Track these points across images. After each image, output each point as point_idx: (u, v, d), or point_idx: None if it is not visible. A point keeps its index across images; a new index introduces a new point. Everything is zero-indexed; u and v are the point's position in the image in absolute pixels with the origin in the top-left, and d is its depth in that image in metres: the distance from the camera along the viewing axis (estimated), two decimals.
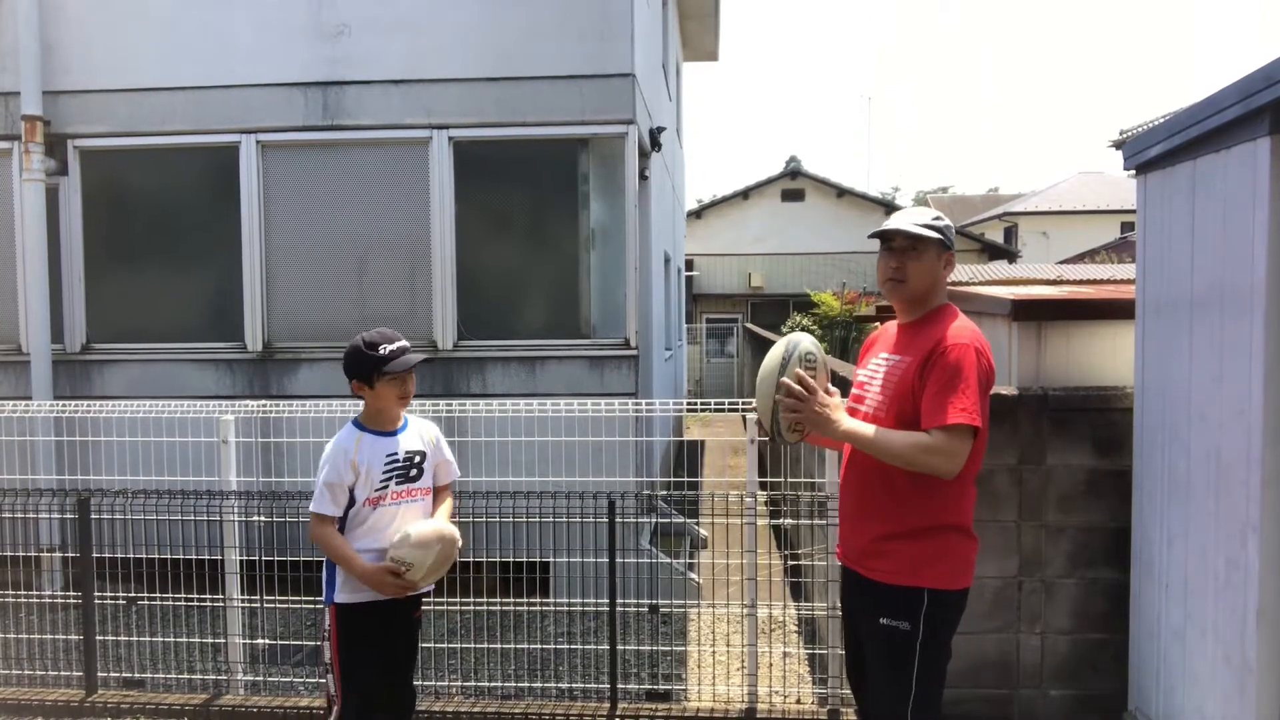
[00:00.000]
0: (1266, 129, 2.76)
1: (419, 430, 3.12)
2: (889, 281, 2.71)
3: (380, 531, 2.96)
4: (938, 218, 2.70)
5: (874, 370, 2.74)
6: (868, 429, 2.56)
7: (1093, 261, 18.57)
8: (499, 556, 4.62)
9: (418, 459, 3.06)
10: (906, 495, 2.58)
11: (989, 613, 3.90)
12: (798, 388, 2.58)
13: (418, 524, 2.97)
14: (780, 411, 2.64)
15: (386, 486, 2.97)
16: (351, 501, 2.94)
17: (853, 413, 2.71)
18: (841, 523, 2.82)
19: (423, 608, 3.34)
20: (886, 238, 2.70)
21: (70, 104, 6.51)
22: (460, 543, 3.03)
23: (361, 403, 3.04)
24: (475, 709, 4.22)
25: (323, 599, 3.02)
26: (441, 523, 3.03)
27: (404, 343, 3.02)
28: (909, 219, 2.68)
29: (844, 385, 3.06)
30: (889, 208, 24.36)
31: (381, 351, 2.94)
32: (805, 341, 2.69)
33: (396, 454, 3.00)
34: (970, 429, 2.45)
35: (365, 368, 2.94)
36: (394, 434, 3.04)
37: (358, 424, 3.03)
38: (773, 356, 2.71)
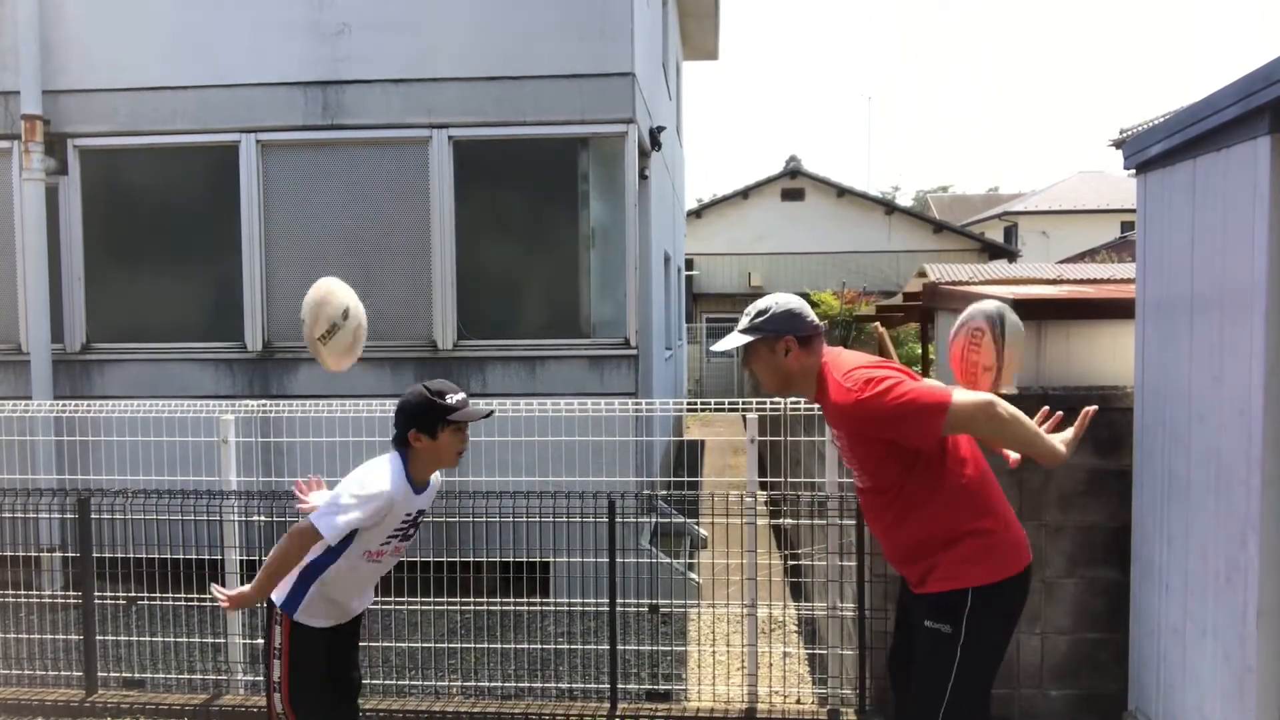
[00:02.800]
0: (1266, 128, 2.76)
1: (433, 486, 2.97)
2: (756, 384, 2.88)
3: (360, 585, 2.89)
4: (759, 313, 2.72)
5: (837, 447, 2.85)
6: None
7: (1093, 261, 18.55)
8: (499, 556, 4.62)
9: (419, 518, 2.93)
10: (912, 530, 2.64)
11: None
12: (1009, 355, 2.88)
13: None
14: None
15: (388, 544, 2.84)
16: (347, 541, 2.77)
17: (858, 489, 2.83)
18: (895, 568, 2.89)
19: (421, 608, 3.30)
20: (728, 355, 2.83)
21: (70, 103, 6.51)
22: (344, 303, 3.08)
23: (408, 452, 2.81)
24: (475, 709, 4.22)
25: (277, 601, 2.85)
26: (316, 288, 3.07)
27: (464, 394, 2.82)
28: (737, 327, 2.76)
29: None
30: (889, 207, 24.35)
31: (449, 400, 2.74)
32: (1011, 316, 2.94)
33: (412, 514, 2.85)
34: (942, 405, 2.47)
35: (432, 418, 2.72)
36: (423, 490, 2.86)
37: (408, 475, 2.79)
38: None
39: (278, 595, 2.85)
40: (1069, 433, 2.67)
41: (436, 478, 2.98)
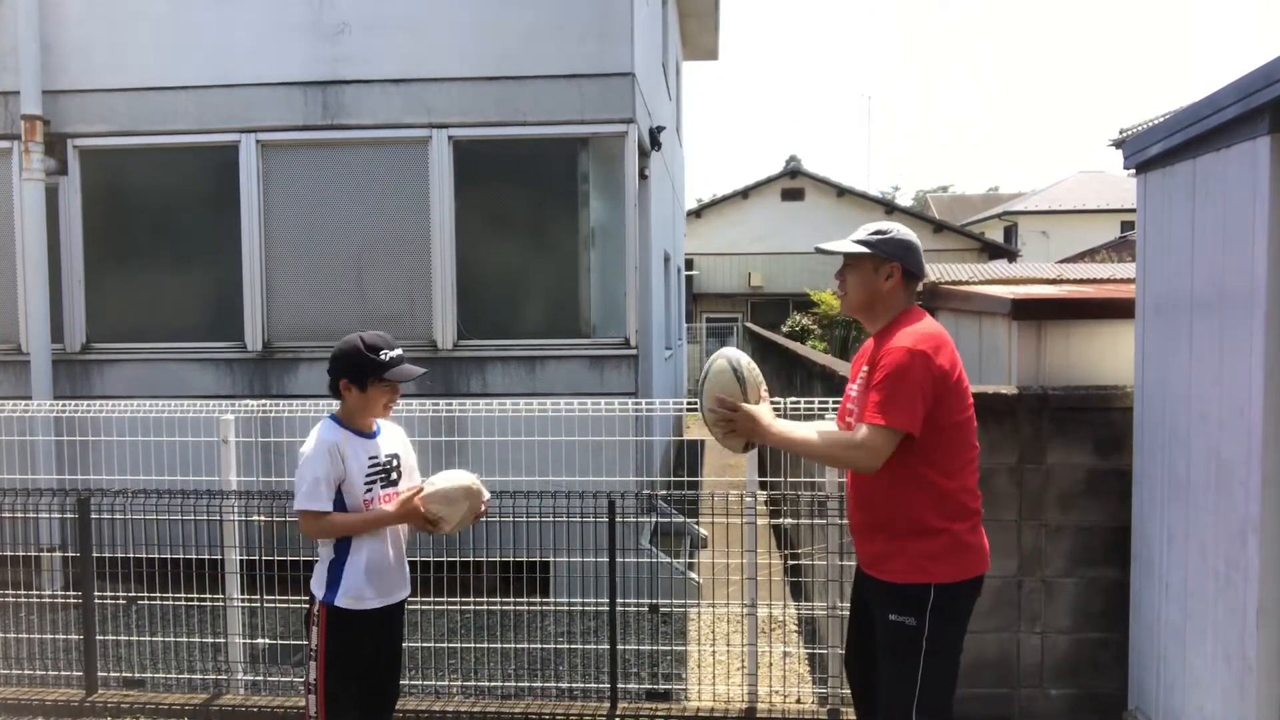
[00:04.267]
0: (1266, 128, 2.76)
1: (391, 432, 3.03)
2: (840, 295, 2.87)
3: (375, 539, 2.90)
4: (878, 231, 2.75)
5: (856, 385, 2.82)
6: (795, 432, 2.72)
7: (1093, 261, 18.56)
8: (499, 556, 4.62)
9: (395, 462, 2.98)
10: (893, 504, 2.64)
11: (989, 612, 3.90)
12: (720, 410, 2.73)
13: (442, 478, 2.92)
14: (720, 431, 2.80)
15: (371, 491, 2.88)
16: (340, 505, 2.84)
17: (841, 409, 2.86)
18: (852, 534, 2.89)
19: (421, 608, 3.31)
20: (831, 254, 2.82)
21: (70, 103, 6.51)
22: (486, 494, 2.99)
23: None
24: (475, 709, 4.22)
25: (318, 597, 2.88)
26: (463, 477, 2.94)
27: (401, 350, 2.91)
28: (850, 236, 2.79)
29: (844, 385, 3.07)
30: (889, 207, 24.37)
31: (383, 356, 2.83)
32: (718, 361, 2.83)
33: (377, 456, 2.92)
34: (884, 430, 2.51)
35: (362, 370, 2.83)
36: (372, 436, 2.94)
37: (338, 420, 2.90)
38: (701, 381, 2.86)
39: (319, 590, 2.89)
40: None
41: (395, 430, 3.04)
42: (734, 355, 2.84)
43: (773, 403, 4.40)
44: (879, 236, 2.73)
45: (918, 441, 2.56)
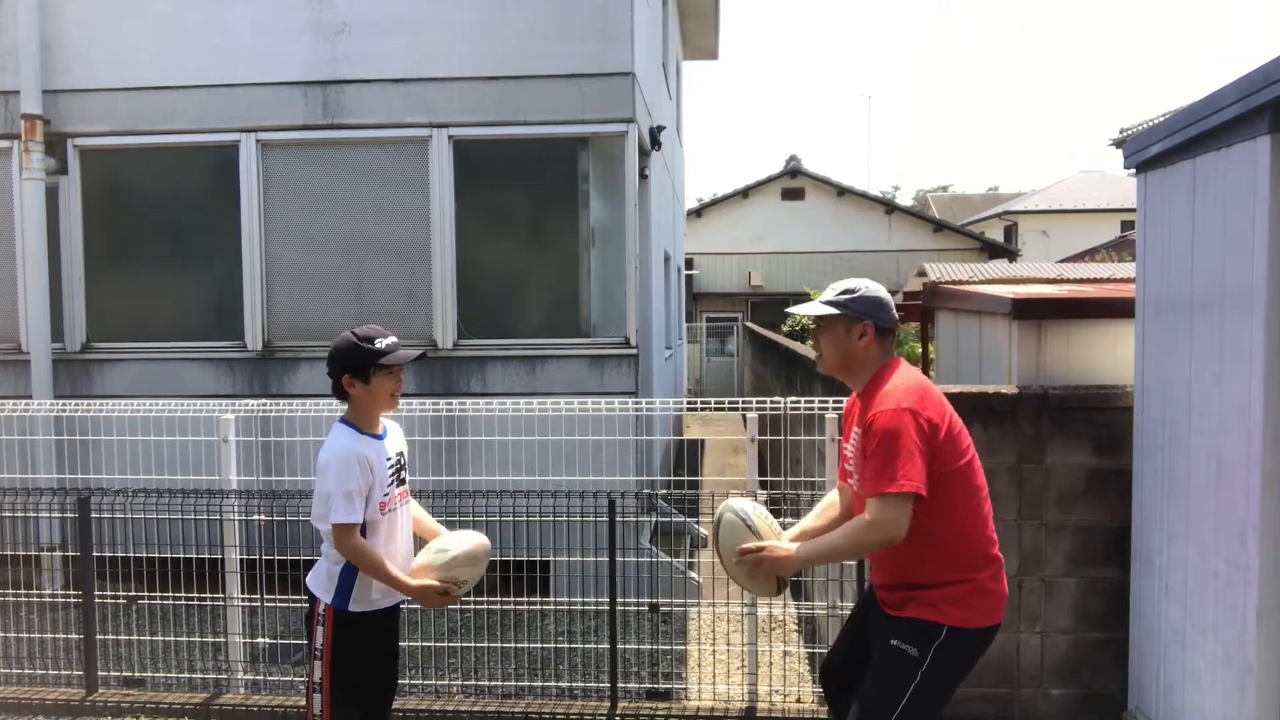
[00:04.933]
0: (1266, 128, 2.76)
1: (394, 431, 3.03)
2: (816, 356, 2.87)
3: (392, 540, 2.90)
4: (846, 291, 2.73)
5: (851, 446, 2.80)
6: (819, 548, 2.66)
7: (1093, 260, 18.54)
8: (499, 556, 4.61)
9: (402, 460, 3.00)
10: (905, 562, 2.61)
11: None
12: (745, 561, 2.68)
13: (458, 540, 2.93)
14: (752, 580, 2.76)
15: (389, 492, 2.88)
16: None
17: (844, 482, 2.85)
18: (870, 560, 2.87)
19: (421, 608, 3.32)
20: (801, 315, 2.85)
21: (70, 103, 6.51)
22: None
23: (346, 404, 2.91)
24: (475, 708, 4.22)
25: (324, 600, 2.88)
26: (477, 536, 2.99)
27: (395, 337, 2.91)
28: (820, 298, 2.77)
29: (844, 385, 3.06)
30: (889, 206, 24.34)
31: (378, 345, 2.83)
32: (726, 516, 2.81)
33: (390, 458, 2.92)
34: (894, 497, 2.46)
35: (361, 361, 2.81)
36: (382, 438, 2.92)
37: (351, 426, 2.87)
38: (715, 539, 2.85)
39: (324, 594, 2.87)
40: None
41: (394, 427, 3.04)
42: (739, 506, 2.82)
43: (772, 403, 4.42)
44: (848, 296, 2.71)
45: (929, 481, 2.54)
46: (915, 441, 2.48)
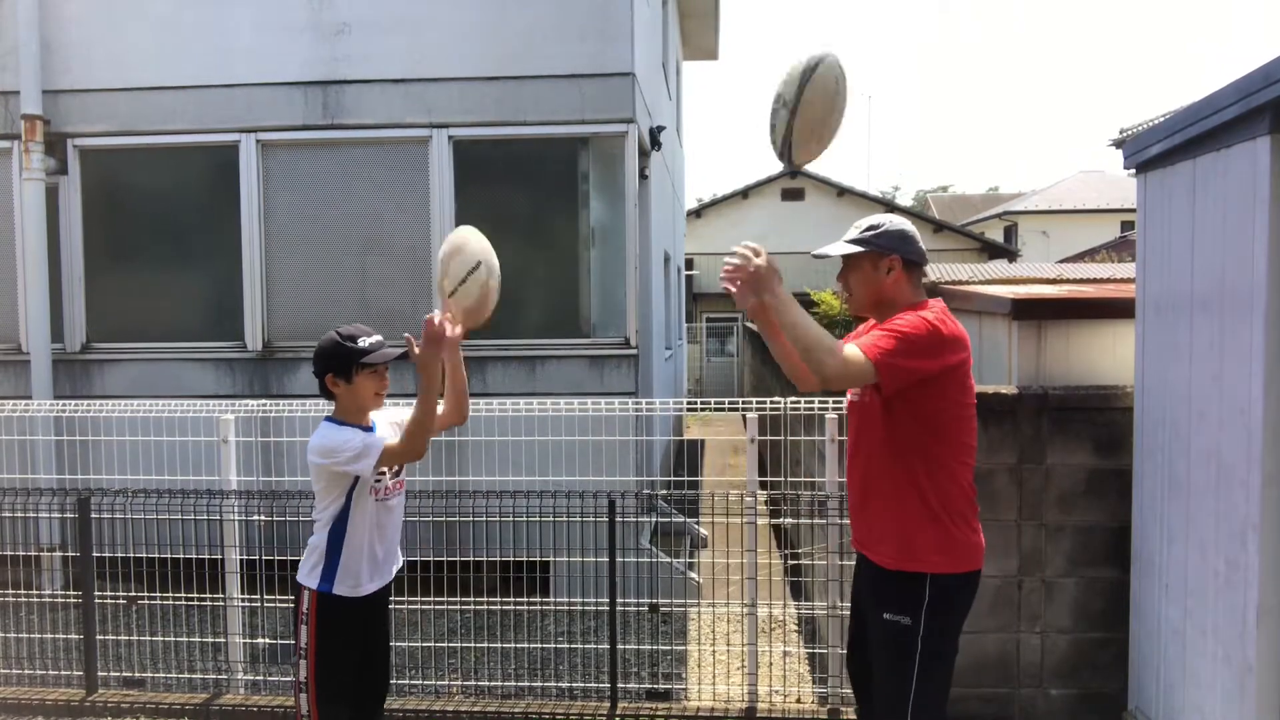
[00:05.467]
0: (1266, 128, 2.76)
1: (385, 419, 2.99)
2: (845, 297, 2.82)
3: (382, 530, 2.90)
4: (871, 226, 2.72)
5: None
6: (793, 304, 2.53)
7: (1093, 260, 18.55)
8: (499, 556, 4.63)
9: None
10: (902, 482, 2.62)
11: (989, 612, 3.90)
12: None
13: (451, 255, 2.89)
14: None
15: (381, 480, 2.86)
16: (348, 503, 2.82)
17: (850, 403, 2.82)
18: (850, 512, 2.87)
19: (421, 608, 3.30)
20: (829, 259, 2.78)
21: (70, 103, 6.51)
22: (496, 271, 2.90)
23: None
24: (475, 708, 4.22)
25: (310, 586, 2.83)
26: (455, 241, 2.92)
27: (380, 336, 2.88)
28: (844, 237, 2.75)
29: None
30: (889, 206, 24.37)
31: (360, 344, 2.81)
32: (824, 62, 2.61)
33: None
34: (862, 361, 2.46)
35: (343, 360, 2.79)
36: (370, 430, 2.89)
37: (336, 421, 2.84)
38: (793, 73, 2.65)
39: (310, 579, 2.84)
40: None
41: (386, 416, 3.00)
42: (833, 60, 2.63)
43: (772, 403, 4.42)
44: (873, 232, 2.70)
45: (924, 413, 2.55)
46: (920, 346, 2.50)
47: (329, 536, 2.86)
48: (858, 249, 2.69)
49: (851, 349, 2.49)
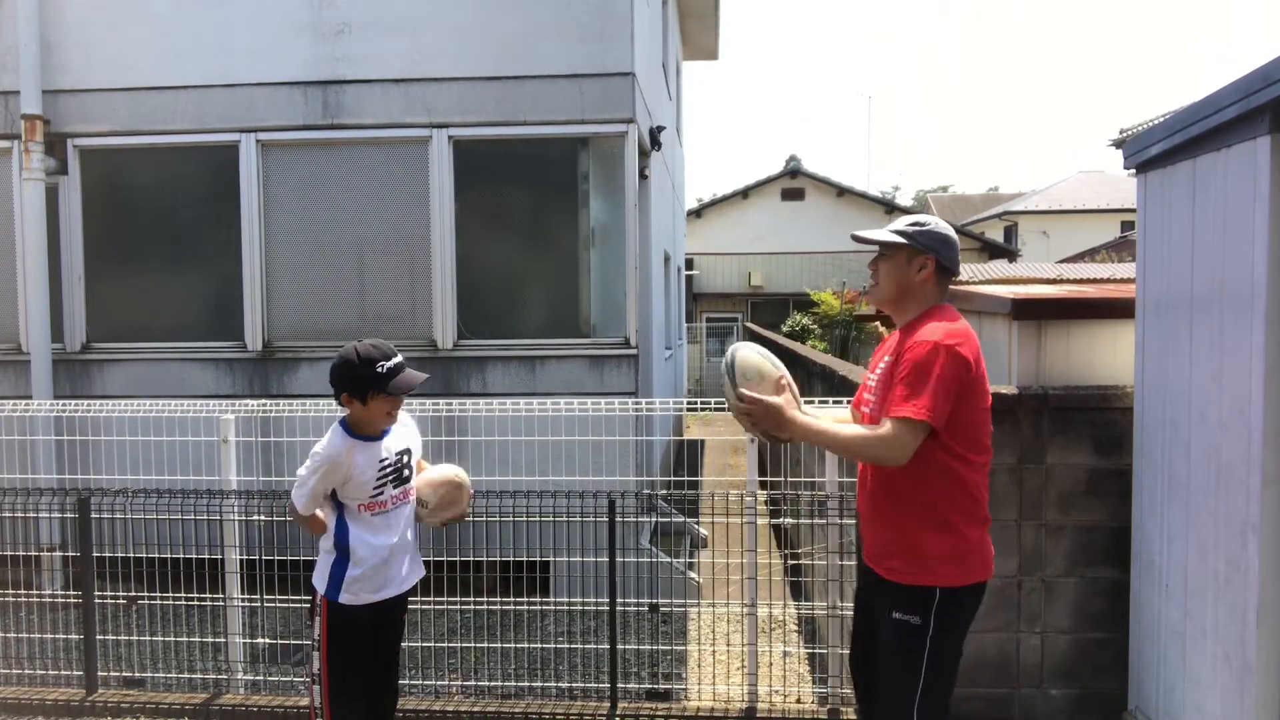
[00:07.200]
0: (1266, 128, 2.76)
1: (400, 428, 3.03)
2: (870, 285, 2.85)
3: (388, 539, 2.94)
4: (916, 223, 2.74)
5: (875, 375, 2.81)
6: (821, 425, 2.63)
7: (1093, 260, 18.56)
8: (499, 556, 4.62)
9: (406, 459, 3.00)
10: (916, 493, 2.62)
11: (989, 612, 3.90)
12: (743, 405, 2.65)
13: (433, 469, 3.11)
14: (744, 419, 2.73)
15: (382, 492, 2.90)
16: (338, 505, 2.92)
17: (863, 414, 2.81)
18: (860, 525, 2.88)
19: (421, 608, 3.33)
20: (867, 242, 2.80)
21: (70, 103, 6.51)
22: (470, 493, 3.15)
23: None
24: (475, 708, 4.22)
25: (320, 591, 2.92)
26: (452, 469, 3.13)
27: (400, 358, 2.87)
28: (889, 227, 2.77)
29: (844, 384, 3.07)
30: (889, 207, 24.36)
31: (380, 369, 2.80)
32: (738, 354, 2.74)
33: (387, 458, 2.92)
34: (913, 423, 2.49)
35: (360, 385, 2.82)
36: (380, 439, 2.93)
37: (348, 430, 2.91)
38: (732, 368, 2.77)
39: (319, 583, 2.93)
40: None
41: (403, 424, 3.06)
42: (746, 350, 2.75)
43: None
44: (916, 229, 2.72)
45: (942, 432, 2.55)
46: (945, 378, 2.50)
47: (334, 542, 2.93)
48: (899, 239, 2.71)
49: (895, 428, 2.49)
